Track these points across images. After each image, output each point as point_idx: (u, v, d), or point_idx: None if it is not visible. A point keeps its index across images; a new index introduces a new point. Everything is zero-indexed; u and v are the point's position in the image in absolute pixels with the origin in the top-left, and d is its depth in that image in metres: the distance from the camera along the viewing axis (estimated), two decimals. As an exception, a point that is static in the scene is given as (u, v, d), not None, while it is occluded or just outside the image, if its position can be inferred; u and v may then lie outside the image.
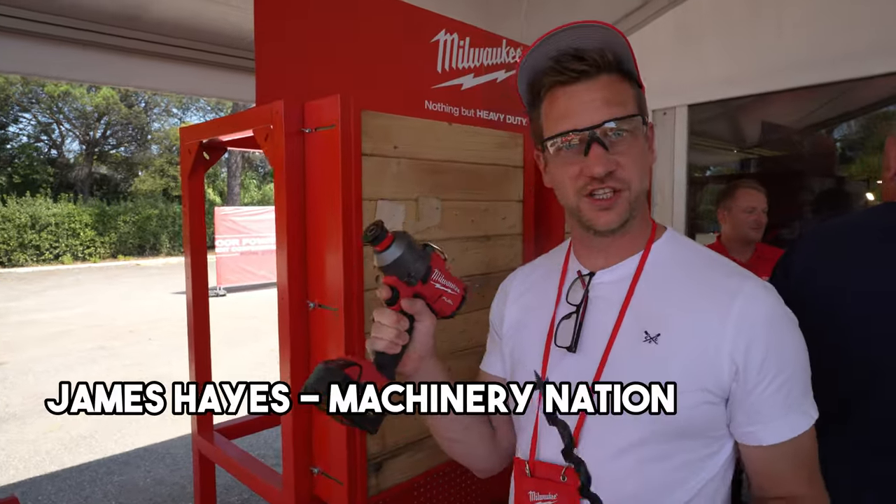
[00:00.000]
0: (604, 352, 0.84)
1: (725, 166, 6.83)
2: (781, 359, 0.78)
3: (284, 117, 1.25)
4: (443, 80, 1.76)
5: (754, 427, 0.79)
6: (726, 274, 0.84)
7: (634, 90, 0.84)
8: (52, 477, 3.74)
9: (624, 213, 0.83)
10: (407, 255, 0.83)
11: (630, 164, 0.81)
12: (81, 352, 7.01)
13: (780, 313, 0.80)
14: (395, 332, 0.83)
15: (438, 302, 0.90)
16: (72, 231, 18.06)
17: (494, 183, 1.58)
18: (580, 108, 0.80)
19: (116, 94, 23.27)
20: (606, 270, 0.89)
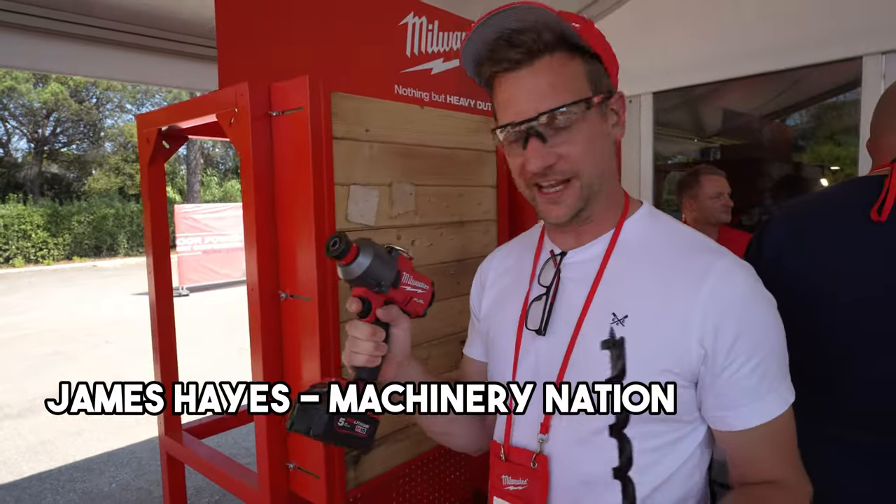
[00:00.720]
0: (571, 335, 0.82)
1: (687, 155, 6.98)
2: (754, 341, 0.74)
3: (250, 100, 1.20)
4: (412, 64, 1.73)
5: (725, 412, 0.76)
6: (699, 251, 0.80)
7: (586, 65, 0.78)
8: (10, 487, 3.56)
9: (574, 204, 0.79)
10: (375, 264, 0.79)
11: (576, 151, 0.76)
12: (38, 357, 6.72)
13: (755, 292, 0.76)
14: (373, 345, 0.81)
15: (410, 304, 0.88)
16: (22, 233, 17.28)
17: (468, 168, 1.56)
18: (518, 98, 0.76)
19: (66, 90, 22.30)
20: (578, 250, 0.86)
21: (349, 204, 1.25)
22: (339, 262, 0.78)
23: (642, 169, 3.18)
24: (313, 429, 0.74)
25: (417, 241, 1.42)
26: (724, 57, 2.81)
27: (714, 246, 0.81)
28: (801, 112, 6.23)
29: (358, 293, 0.82)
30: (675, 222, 0.87)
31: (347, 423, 0.77)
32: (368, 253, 0.79)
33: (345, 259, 0.77)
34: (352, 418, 0.78)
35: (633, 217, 0.86)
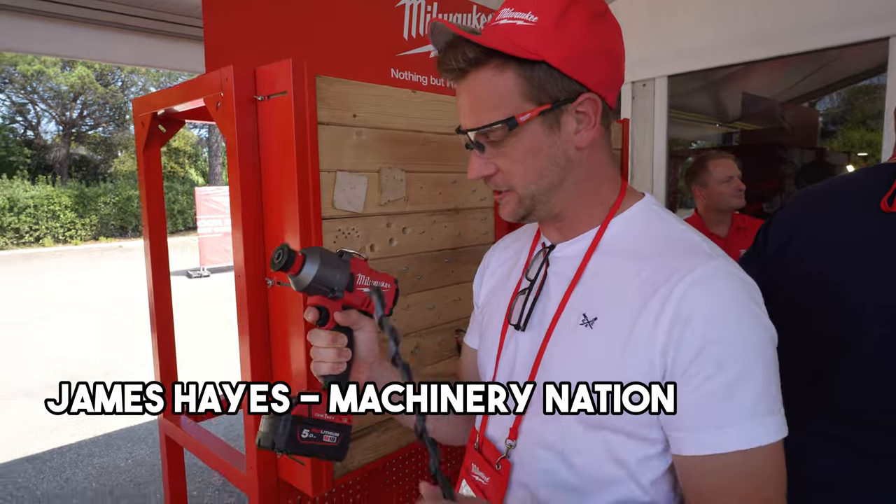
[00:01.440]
0: (545, 333, 0.79)
1: (708, 140, 6.81)
2: (724, 356, 0.64)
3: (235, 84, 1.18)
4: (410, 47, 1.69)
5: (676, 432, 0.68)
6: (684, 252, 0.72)
7: (522, 75, 0.70)
8: (33, 459, 3.69)
9: (515, 210, 0.78)
10: (323, 270, 0.77)
11: (510, 166, 0.75)
12: (66, 334, 6.91)
13: (738, 305, 0.66)
14: (336, 352, 0.80)
15: (371, 305, 0.86)
16: (51, 213, 17.73)
17: (462, 154, 1.53)
18: (461, 109, 0.76)
19: (92, 74, 22.67)
20: (565, 244, 0.83)
21: (336, 191, 1.23)
22: (288, 273, 0.78)
23: (656, 154, 3.10)
24: (277, 442, 0.74)
25: (409, 229, 1.40)
26: (744, 39, 2.71)
27: (708, 250, 0.72)
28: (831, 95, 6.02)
29: (313, 302, 0.81)
30: (675, 221, 0.80)
31: (313, 433, 0.77)
32: (315, 260, 0.77)
33: (291, 270, 0.77)
34: (317, 428, 0.77)
35: (625, 214, 0.80)
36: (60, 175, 22.35)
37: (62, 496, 3.23)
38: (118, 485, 3.34)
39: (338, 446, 0.79)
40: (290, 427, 0.74)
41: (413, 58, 1.70)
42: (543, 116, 0.72)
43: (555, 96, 0.71)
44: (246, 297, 1.24)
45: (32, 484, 3.37)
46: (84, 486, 3.34)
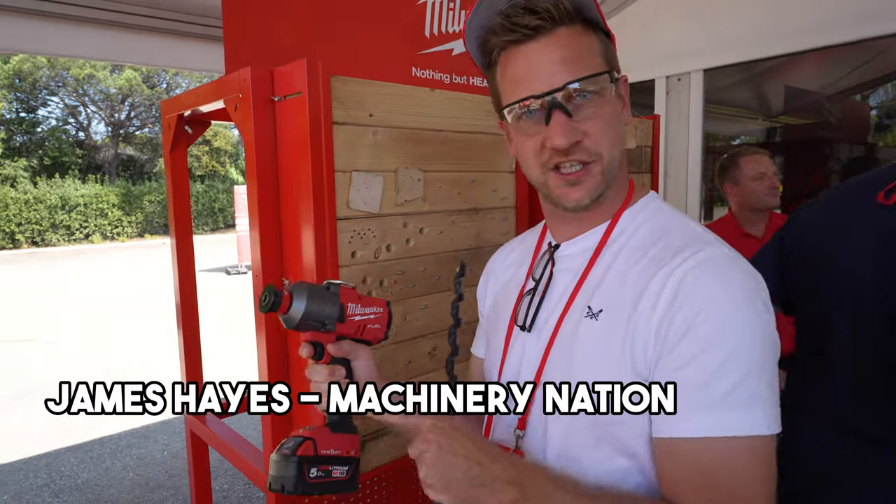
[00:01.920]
0: (553, 331, 0.78)
1: (750, 135, 6.57)
2: (710, 338, 0.62)
3: (252, 85, 1.19)
4: (431, 45, 1.67)
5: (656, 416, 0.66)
6: (684, 241, 0.70)
7: (601, 41, 0.73)
8: (76, 449, 3.84)
9: (596, 188, 0.74)
10: (312, 306, 0.78)
11: (599, 130, 0.71)
12: (110, 327, 7.18)
13: (734, 289, 0.64)
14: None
15: (366, 332, 0.87)
16: (100, 211, 18.49)
17: (484, 153, 1.50)
18: (538, 69, 0.70)
19: (139, 76, 23.49)
20: (572, 241, 0.82)
21: (351, 191, 1.22)
22: (277, 313, 0.78)
23: (691, 150, 3.00)
24: (286, 485, 0.74)
25: (426, 229, 1.39)
26: (785, 30, 2.59)
27: (713, 240, 0.71)
28: (885, 87, 5.71)
29: (307, 338, 0.82)
30: (679, 215, 0.79)
31: (321, 471, 0.77)
32: (302, 296, 0.78)
33: (280, 309, 0.77)
34: (325, 465, 0.77)
35: (634, 207, 0.80)
36: (109, 174, 23.26)
37: (101, 485, 3.35)
38: (153, 476, 3.45)
39: (348, 480, 0.80)
40: (297, 468, 0.74)
41: (435, 55, 1.68)
42: (616, 83, 0.75)
43: (618, 70, 0.76)
44: (263, 297, 1.25)
45: (74, 472, 3.51)
46: (122, 475, 3.46)
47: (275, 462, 0.76)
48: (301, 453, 0.75)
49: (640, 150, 2.08)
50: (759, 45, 2.72)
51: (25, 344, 6.57)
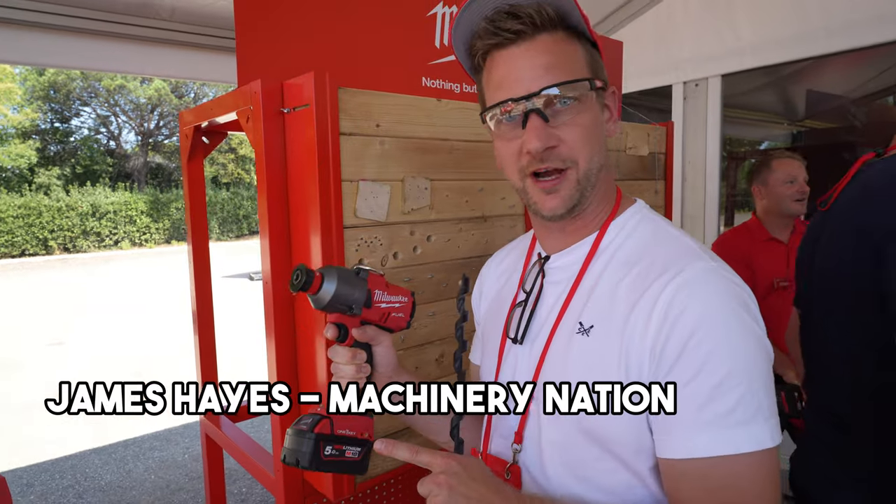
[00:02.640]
0: (544, 344, 0.78)
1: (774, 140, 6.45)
2: (707, 358, 0.62)
3: (262, 97, 1.22)
4: (442, 55, 1.69)
5: (658, 435, 0.66)
6: (677, 255, 0.70)
7: (585, 49, 0.74)
8: (100, 451, 3.94)
9: (570, 197, 0.74)
10: (342, 288, 0.80)
11: (576, 138, 0.72)
12: (132, 330, 7.35)
13: (724, 306, 0.64)
14: (354, 368, 0.82)
15: (389, 319, 0.88)
16: (129, 218, 18.96)
17: (491, 161, 1.51)
18: (518, 74, 0.71)
19: (167, 87, 24.09)
20: (561, 253, 0.82)
21: (358, 200, 1.25)
22: (307, 293, 0.80)
23: (708, 157, 2.96)
24: (300, 460, 0.75)
25: (433, 237, 1.40)
26: (808, 33, 2.55)
27: (700, 252, 0.71)
28: (919, 90, 5.55)
29: (332, 319, 0.83)
30: (667, 225, 0.79)
31: (335, 449, 0.78)
32: (332, 278, 0.80)
33: (310, 289, 0.79)
34: (340, 444, 0.79)
35: (621, 218, 0.80)
36: (138, 182, 23.85)
37: (123, 487, 3.43)
38: (174, 478, 3.51)
39: (359, 461, 0.81)
40: (313, 445, 0.76)
41: (445, 66, 1.70)
42: (599, 94, 0.75)
43: (603, 79, 0.76)
44: (273, 304, 1.28)
45: (98, 474, 3.59)
46: (144, 477, 3.54)
47: (291, 436, 0.77)
48: (318, 431, 0.77)
49: (654, 157, 2.07)
50: (780, 49, 2.68)
51: (55, 347, 6.76)
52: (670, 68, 3.00)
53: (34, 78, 21.47)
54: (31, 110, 21.37)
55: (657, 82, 3.05)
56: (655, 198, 2.10)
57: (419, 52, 1.65)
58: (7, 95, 19.98)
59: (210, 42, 2.73)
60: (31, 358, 6.33)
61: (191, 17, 2.65)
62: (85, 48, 2.51)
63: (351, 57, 1.54)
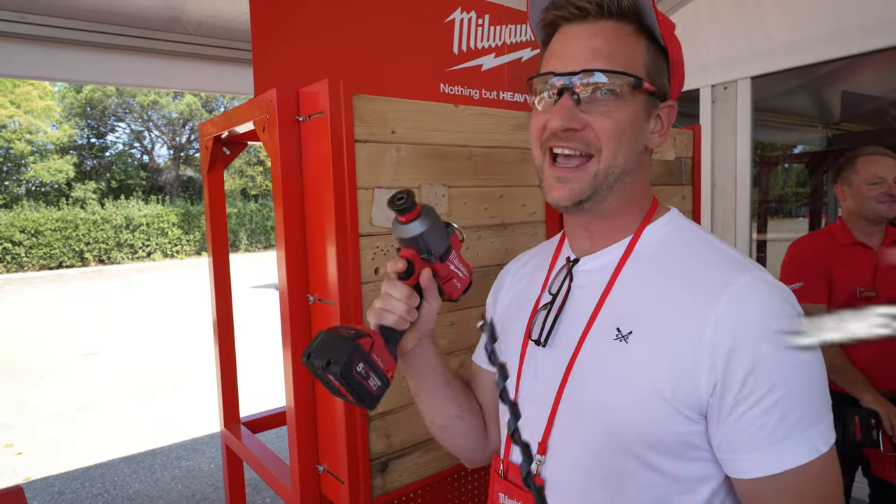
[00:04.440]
0: (574, 349, 0.75)
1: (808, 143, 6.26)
2: (773, 375, 0.62)
3: (278, 106, 1.21)
4: (460, 61, 1.67)
5: (733, 455, 0.65)
6: (721, 264, 0.69)
7: (649, 51, 0.72)
8: (129, 460, 4.00)
9: (581, 190, 0.71)
10: (431, 231, 0.78)
11: (606, 127, 0.69)
12: (173, 339, 7.49)
13: (778, 316, 0.64)
14: (406, 308, 0.77)
15: (449, 284, 0.86)
16: (161, 230, 19.42)
17: (511, 167, 1.48)
18: (568, 51, 0.70)
19: (198, 101, 24.71)
20: (591, 256, 0.79)
21: (373, 208, 1.23)
22: (397, 218, 0.78)
23: (739, 162, 2.87)
24: (333, 362, 0.69)
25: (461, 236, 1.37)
26: (842, 31, 2.46)
27: (746, 262, 0.69)
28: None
29: (406, 254, 0.80)
30: (705, 234, 0.77)
31: (365, 371, 0.72)
32: (428, 219, 0.78)
33: (405, 216, 0.77)
34: (369, 367, 0.73)
35: (656, 224, 0.78)
36: (170, 195, 24.46)
37: (150, 496, 3.46)
38: (199, 488, 3.54)
39: (375, 395, 0.75)
40: (350, 353, 0.70)
41: (463, 72, 1.68)
42: (650, 99, 0.72)
43: (662, 88, 0.73)
44: (289, 314, 1.26)
45: (126, 483, 3.64)
46: (170, 486, 3.57)
47: (328, 338, 0.72)
48: (361, 342, 0.72)
49: (680, 162, 2.00)
50: (814, 49, 2.59)
51: (89, 358, 6.92)
52: (697, 71, 2.93)
53: (72, 95, 22.28)
54: (68, 126, 22.15)
55: (684, 86, 2.98)
56: (683, 203, 2.04)
57: (437, 58, 1.64)
58: (46, 113, 20.77)
59: (236, 55, 2.78)
60: (65, 367, 6.49)
61: (217, 31, 2.70)
62: (114, 63, 2.57)
63: (369, 64, 1.53)
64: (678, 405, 0.65)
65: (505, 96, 1.78)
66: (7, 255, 16.45)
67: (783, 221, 4.80)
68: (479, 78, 1.72)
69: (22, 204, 18.55)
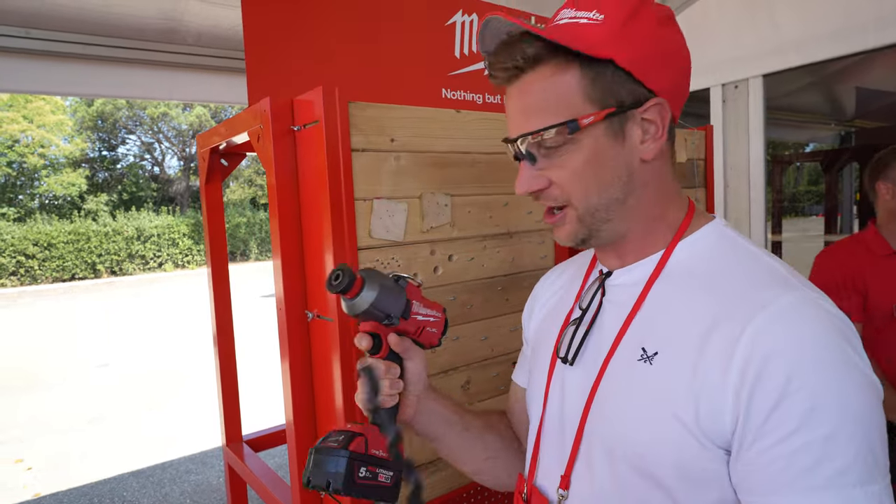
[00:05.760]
0: (600, 368, 0.70)
1: (821, 142, 6.15)
2: (808, 409, 0.53)
3: (272, 115, 1.17)
4: (462, 65, 1.62)
5: (751, 497, 0.57)
6: (764, 280, 0.61)
7: (584, 74, 0.64)
8: (138, 474, 3.97)
9: (573, 231, 0.70)
10: (381, 296, 0.73)
11: (566, 179, 0.67)
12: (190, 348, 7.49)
13: (824, 342, 0.55)
14: (388, 383, 0.75)
15: (423, 334, 0.82)
16: (171, 241, 19.53)
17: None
18: (509, 115, 0.70)
19: (208, 112, 24.91)
20: (623, 270, 0.74)
21: (372, 219, 1.18)
22: (343, 296, 0.73)
23: (752, 162, 2.80)
24: (332, 482, 0.66)
25: (456, 256, 1.32)
26: (855, 26, 2.39)
27: (789, 277, 0.61)
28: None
29: (367, 328, 0.76)
30: (749, 245, 0.69)
31: (369, 471, 0.69)
32: (374, 284, 0.73)
33: (349, 293, 0.72)
34: (374, 466, 0.70)
35: (693, 237, 0.71)
36: (180, 206, 24.64)
37: (159, 511, 3.43)
38: (209, 502, 3.49)
39: (391, 487, 0.72)
40: (347, 465, 0.66)
41: (465, 76, 1.63)
42: (608, 121, 0.65)
43: (621, 100, 0.65)
44: (286, 326, 1.22)
45: (135, 498, 3.61)
46: (180, 501, 3.53)
47: (320, 455, 0.68)
48: (353, 449, 0.68)
49: (692, 164, 1.94)
50: (826, 45, 2.52)
51: (101, 369, 6.93)
52: (707, 70, 2.86)
53: (83, 109, 22.55)
54: (80, 140, 22.40)
55: (694, 86, 2.91)
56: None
57: (438, 63, 1.59)
58: (59, 127, 21.01)
59: (237, 65, 2.75)
60: (77, 379, 6.50)
61: (216, 41, 2.68)
62: (115, 76, 2.55)
63: (368, 71, 1.49)
64: (702, 437, 0.58)
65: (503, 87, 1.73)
66: (21, 269, 16.61)
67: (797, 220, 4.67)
68: (483, 82, 1.67)
69: (35, 217, 18.74)
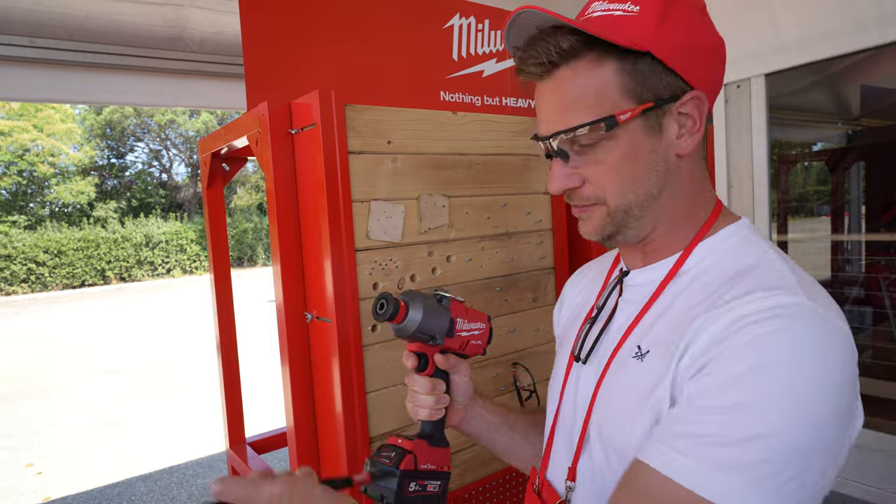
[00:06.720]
0: (604, 366, 0.70)
1: (828, 141, 6.12)
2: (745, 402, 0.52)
3: (270, 119, 1.18)
4: (460, 68, 1.63)
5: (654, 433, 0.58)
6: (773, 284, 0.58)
7: (622, 67, 0.62)
8: (146, 478, 3.98)
9: (601, 226, 0.68)
10: (427, 318, 0.77)
11: (601, 176, 0.65)
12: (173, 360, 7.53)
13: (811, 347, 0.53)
14: (434, 399, 0.79)
15: (468, 347, 0.86)
16: (179, 247, 19.65)
17: (514, 174, 1.43)
18: (541, 112, 0.67)
19: (214, 119, 25.09)
20: (641, 270, 0.73)
21: (370, 221, 1.19)
22: (390, 322, 0.77)
23: (755, 162, 2.78)
24: (386, 497, 0.74)
25: (454, 257, 1.32)
26: (858, 22, 2.37)
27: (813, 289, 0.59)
28: None
29: (413, 348, 0.81)
30: (771, 251, 0.66)
31: (419, 485, 0.76)
32: (418, 307, 0.77)
33: (395, 319, 0.76)
34: (423, 479, 0.77)
35: (713, 239, 0.69)
36: (188, 212, 24.78)
37: (166, 515, 3.44)
38: (215, 506, 3.50)
39: (439, 494, 0.79)
40: (398, 483, 0.74)
41: (464, 78, 1.64)
42: (645, 116, 0.64)
43: (659, 93, 0.63)
44: (286, 329, 1.22)
45: (143, 501, 3.63)
46: (187, 505, 3.55)
47: (377, 471, 0.75)
48: (404, 467, 0.75)
49: (693, 164, 1.94)
50: (829, 43, 2.51)
51: (111, 375, 6.98)
52: (708, 70, 2.85)
53: (92, 117, 22.76)
54: (89, 148, 22.61)
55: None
56: (697, 206, 1.97)
57: (436, 65, 1.60)
58: (68, 135, 21.23)
59: (240, 71, 2.77)
60: (87, 385, 6.55)
61: (220, 48, 2.70)
62: (120, 84, 2.58)
63: (366, 74, 1.50)
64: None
65: (508, 102, 1.73)
66: (31, 276, 16.76)
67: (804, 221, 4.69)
68: (481, 84, 1.67)
69: (45, 225, 18.92)
